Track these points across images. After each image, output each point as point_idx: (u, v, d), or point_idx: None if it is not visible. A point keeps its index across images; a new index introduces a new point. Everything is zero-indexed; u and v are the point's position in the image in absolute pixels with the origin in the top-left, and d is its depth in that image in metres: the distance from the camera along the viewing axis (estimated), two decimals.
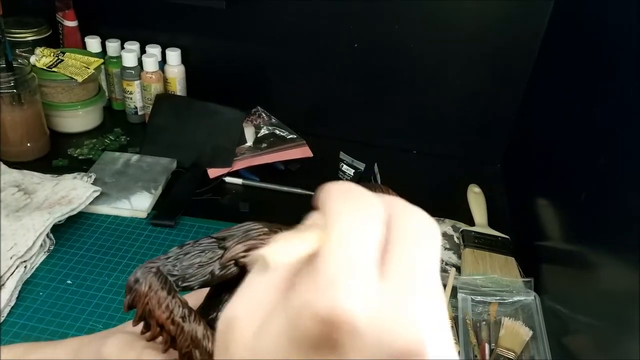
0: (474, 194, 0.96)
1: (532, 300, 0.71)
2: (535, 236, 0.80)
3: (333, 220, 0.21)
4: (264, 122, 1.08)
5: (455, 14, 0.96)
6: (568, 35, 0.84)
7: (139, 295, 0.32)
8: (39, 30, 1.05)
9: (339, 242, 0.20)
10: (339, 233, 0.20)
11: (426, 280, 0.21)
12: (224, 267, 0.34)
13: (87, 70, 1.01)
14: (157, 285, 0.33)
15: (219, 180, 0.95)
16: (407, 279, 0.20)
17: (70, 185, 0.85)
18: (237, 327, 0.21)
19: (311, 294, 0.19)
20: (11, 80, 0.89)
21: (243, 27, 1.05)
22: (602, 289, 0.57)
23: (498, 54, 0.98)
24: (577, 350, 0.60)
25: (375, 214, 0.21)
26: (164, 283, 0.33)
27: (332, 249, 0.20)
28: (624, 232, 0.54)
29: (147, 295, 0.32)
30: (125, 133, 1.06)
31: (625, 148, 0.57)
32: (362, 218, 0.21)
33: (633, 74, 0.57)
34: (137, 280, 0.33)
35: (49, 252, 0.77)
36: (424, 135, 1.09)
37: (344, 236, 0.20)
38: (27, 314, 0.68)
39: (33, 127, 0.95)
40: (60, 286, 0.72)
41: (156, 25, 1.09)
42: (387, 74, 1.04)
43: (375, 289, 0.20)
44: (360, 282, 0.19)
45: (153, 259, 0.35)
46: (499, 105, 1.03)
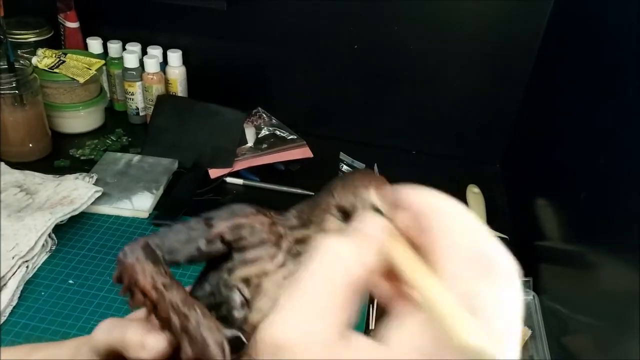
0: (473, 194, 0.96)
1: (531, 299, 0.71)
2: (534, 236, 0.80)
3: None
4: (264, 123, 1.08)
5: (455, 14, 0.96)
6: (568, 35, 0.84)
7: (126, 266, 0.34)
8: (40, 31, 1.05)
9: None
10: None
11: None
12: (209, 242, 0.36)
13: (89, 72, 1.01)
14: (142, 257, 0.34)
15: (220, 181, 0.96)
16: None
17: (72, 186, 0.85)
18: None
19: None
20: (13, 81, 0.89)
21: (244, 28, 1.05)
22: (601, 288, 0.58)
23: (498, 54, 0.98)
24: (576, 350, 0.60)
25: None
26: (150, 254, 0.35)
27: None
28: (624, 232, 0.54)
29: (133, 265, 0.34)
30: (126, 134, 1.06)
31: (625, 148, 0.57)
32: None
33: (633, 73, 0.57)
34: (126, 254, 0.35)
35: (50, 252, 0.78)
36: (424, 135, 1.09)
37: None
38: (29, 314, 0.68)
39: (35, 127, 0.95)
40: (62, 286, 0.73)
41: (157, 27, 1.09)
42: (387, 74, 1.04)
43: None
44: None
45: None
46: (498, 105, 1.03)
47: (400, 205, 0.23)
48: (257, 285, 0.35)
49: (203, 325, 0.32)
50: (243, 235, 0.36)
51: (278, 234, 0.36)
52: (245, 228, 0.36)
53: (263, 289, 0.34)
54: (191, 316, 0.33)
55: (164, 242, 0.36)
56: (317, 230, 0.35)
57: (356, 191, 0.34)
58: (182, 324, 0.33)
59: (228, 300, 0.34)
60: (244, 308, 0.34)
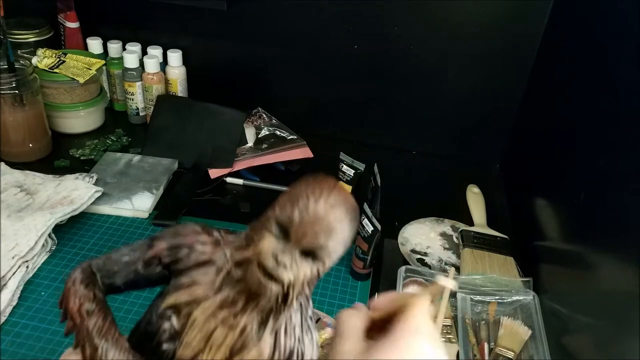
0: (473, 194, 0.96)
1: (531, 299, 0.71)
2: (534, 236, 0.80)
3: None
4: (264, 123, 1.08)
5: (455, 14, 0.96)
6: (568, 35, 0.84)
7: (65, 288, 0.34)
8: (40, 31, 1.05)
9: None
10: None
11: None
12: (147, 264, 0.35)
13: (89, 72, 1.01)
14: (79, 279, 0.34)
15: (220, 181, 0.96)
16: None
17: (72, 186, 0.85)
18: None
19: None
20: (13, 81, 0.89)
21: (244, 28, 1.05)
22: (601, 288, 0.58)
23: (498, 53, 0.98)
24: (576, 350, 0.60)
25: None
26: (87, 277, 0.34)
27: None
28: (624, 232, 0.54)
29: (69, 288, 0.34)
30: (126, 134, 1.06)
31: (625, 148, 0.57)
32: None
33: (633, 73, 0.57)
34: (69, 276, 0.35)
35: (50, 252, 0.78)
36: (424, 135, 1.09)
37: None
38: (28, 314, 0.68)
39: (35, 127, 0.95)
40: (62, 286, 0.72)
41: (157, 27, 1.09)
42: (387, 74, 1.04)
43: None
44: None
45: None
46: (498, 105, 1.03)
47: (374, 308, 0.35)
48: (187, 315, 0.32)
49: (110, 357, 0.31)
50: (180, 257, 0.34)
51: (220, 256, 0.33)
52: (183, 249, 0.34)
53: (192, 319, 0.32)
54: (100, 347, 0.32)
55: (105, 265, 0.35)
56: (254, 250, 0.32)
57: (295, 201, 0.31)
58: (91, 354, 0.32)
59: (158, 330, 0.32)
60: (173, 340, 0.32)
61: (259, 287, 0.31)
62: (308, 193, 0.31)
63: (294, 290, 0.31)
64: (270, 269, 0.31)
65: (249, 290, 0.32)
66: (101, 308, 0.34)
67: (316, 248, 0.31)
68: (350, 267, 0.79)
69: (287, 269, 0.31)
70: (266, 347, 0.31)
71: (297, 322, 0.33)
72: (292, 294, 0.31)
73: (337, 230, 0.31)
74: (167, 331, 0.32)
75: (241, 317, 0.31)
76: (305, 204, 0.31)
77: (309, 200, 0.31)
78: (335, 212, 0.31)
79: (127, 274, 0.35)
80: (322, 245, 0.30)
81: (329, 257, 0.31)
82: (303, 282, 0.31)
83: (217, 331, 0.31)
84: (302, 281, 0.31)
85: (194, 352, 0.31)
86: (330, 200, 0.31)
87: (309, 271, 0.31)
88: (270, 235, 0.32)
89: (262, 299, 0.31)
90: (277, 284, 0.31)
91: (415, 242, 0.86)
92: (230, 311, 0.32)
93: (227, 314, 0.32)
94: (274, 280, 0.31)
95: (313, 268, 0.31)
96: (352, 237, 0.33)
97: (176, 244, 0.35)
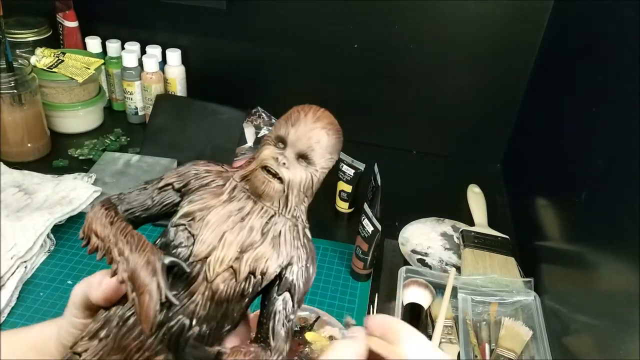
0: (473, 194, 0.96)
1: (532, 300, 0.71)
2: (535, 236, 0.80)
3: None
4: (264, 123, 1.08)
5: (455, 14, 0.96)
6: (568, 35, 0.84)
7: (87, 217, 0.37)
8: (39, 30, 1.05)
9: None
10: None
11: None
12: (160, 190, 0.39)
13: (88, 71, 1.01)
14: (98, 207, 0.37)
15: None
16: None
17: (71, 186, 0.85)
18: None
19: None
20: (12, 80, 0.89)
21: (243, 28, 1.05)
22: (602, 289, 0.57)
23: (498, 54, 0.98)
24: (577, 350, 0.60)
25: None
26: (107, 204, 0.38)
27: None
28: (624, 232, 0.54)
29: (91, 216, 0.37)
30: (125, 133, 1.06)
31: (626, 148, 0.57)
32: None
33: (633, 73, 0.57)
34: (89, 209, 0.38)
35: (49, 252, 0.77)
36: (424, 135, 1.09)
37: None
38: (27, 314, 0.68)
39: (33, 127, 0.95)
40: (60, 286, 0.72)
41: (156, 26, 1.09)
42: (387, 74, 1.04)
43: None
44: None
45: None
46: (499, 106, 1.03)
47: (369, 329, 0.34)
48: (201, 219, 0.37)
49: (132, 248, 0.34)
50: (189, 180, 0.39)
51: (226, 178, 0.39)
52: (192, 173, 0.39)
53: (206, 221, 0.36)
54: (120, 243, 0.35)
55: (121, 197, 0.39)
56: (256, 162, 0.38)
57: (289, 117, 0.39)
58: (119, 249, 0.35)
59: (174, 238, 0.36)
60: (189, 242, 0.36)
61: (263, 185, 0.37)
62: (299, 110, 0.40)
63: (292, 191, 0.37)
64: (272, 167, 0.37)
65: (255, 191, 0.37)
66: (122, 219, 0.37)
67: (308, 150, 0.38)
68: (350, 268, 0.79)
69: (286, 167, 0.37)
70: (268, 248, 0.35)
71: (295, 236, 0.37)
72: (292, 196, 0.37)
73: (323, 136, 0.38)
74: (182, 235, 0.36)
75: (249, 219, 0.37)
76: (297, 117, 0.39)
77: (299, 114, 0.39)
78: (322, 122, 0.39)
79: (143, 200, 0.39)
80: (312, 147, 0.38)
81: (319, 161, 0.38)
82: (300, 185, 0.37)
83: (228, 231, 0.36)
84: (299, 183, 0.37)
85: (208, 248, 0.35)
86: (317, 114, 0.39)
87: (304, 174, 0.38)
88: (270, 145, 0.38)
89: (266, 199, 0.37)
90: (278, 181, 0.37)
91: (416, 242, 0.86)
92: (240, 215, 0.37)
93: (237, 217, 0.37)
94: (276, 178, 0.37)
95: (307, 172, 0.38)
96: (338, 150, 0.40)
97: (185, 171, 0.39)
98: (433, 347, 0.33)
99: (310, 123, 0.38)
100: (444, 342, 0.67)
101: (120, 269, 0.34)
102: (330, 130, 0.39)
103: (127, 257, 0.34)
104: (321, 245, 0.83)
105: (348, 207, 0.89)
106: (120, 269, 0.34)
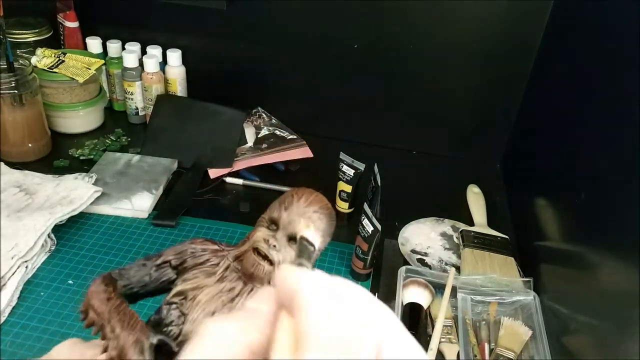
0: (473, 194, 0.96)
1: (531, 300, 0.71)
2: (534, 236, 0.80)
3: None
4: (264, 123, 1.08)
5: (455, 14, 0.96)
6: (568, 35, 0.84)
7: (87, 292, 0.39)
8: (40, 31, 1.05)
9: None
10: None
11: None
12: (158, 267, 0.41)
13: (88, 71, 1.01)
14: (99, 282, 0.39)
15: (219, 181, 0.96)
16: None
17: (72, 186, 0.85)
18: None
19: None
20: (12, 81, 0.89)
21: (243, 28, 1.05)
22: (602, 289, 0.58)
23: (498, 54, 0.98)
24: (576, 350, 0.60)
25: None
26: (107, 279, 0.40)
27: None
28: (624, 232, 0.54)
29: (91, 291, 0.39)
30: (126, 133, 1.06)
31: (626, 148, 0.57)
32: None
33: (633, 73, 0.57)
34: (90, 285, 0.40)
35: (50, 252, 0.77)
36: (424, 135, 1.09)
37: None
38: (28, 314, 0.68)
39: (34, 127, 0.95)
40: (61, 286, 0.73)
41: (157, 26, 1.09)
42: (387, 74, 1.04)
43: None
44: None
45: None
46: (499, 105, 1.03)
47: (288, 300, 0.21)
48: (192, 298, 0.38)
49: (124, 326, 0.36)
50: (186, 259, 0.41)
51: (220, 257, 0.41)
52: (188, 252, 0.41)
53: (197, 301, 0.38)
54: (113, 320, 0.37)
55: (121, 272, 0.41)
56: (249, 244, 0.40)
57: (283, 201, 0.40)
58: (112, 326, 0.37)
59: (167, 316, 0.38)
60: (180, 321, 0.37)
61: (254, 267, 0.38)
62: (292, 194, 0.41)
63: None
64: (263, 250, 0.39)
65: (246, 273, 0.39)
66: (119, 296, 0.39)
67: (299, 233, 0.39)
68: (350, 267, 0.79)
69: (277, 250, 0.39)
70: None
71: None
72: None
73: (315, 220, 0.40)
74: (174, 314, 0.38)
75: (238, 300, 0.38)
76: (290, 201, 0.40)
77: (293, 199, 0.40)
78: (314, 206, 0.40)
79: (142, 277, 0.41)
80: (303, 231, 0.39)
81: (311, 241, 0.39)
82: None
83: (218, 311, 0.37)
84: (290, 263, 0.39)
85: (198, 324, 0.37)
86: (310, 198, 0.40)
87: (295, 255, 0.39)
88: (262, 228, 0.40)
89: (256, 280, 0.38)
90: (268, 263, 0.38)
91: (416, 242, 0.86)
92: (230, 295, 0.38)
93: (227, 297, 0.38)
94: (266, 260, 0.39)
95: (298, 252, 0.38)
96: (330, 233, 0.41)
97: (183, 249, 0.41)
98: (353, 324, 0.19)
99: (302, 207, 0.40)
100: (443, 342, 0.67)
101: (111, 347, 0.35)
102: (322, 214, 0.40)
103: (117, 335, 0.36)
104: None
105: (348, 207, 0.89)
106: (110, 346, 0.36)
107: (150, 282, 0.41)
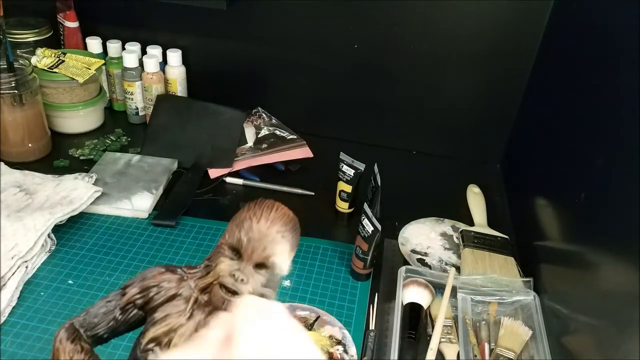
0: (473, 194, 0.96)
1: (531, 300, 0.71)
2: (534, 236, 0.80)
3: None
4: (264, 123, 1.08)
5: (455, 14, 0.96)
6: (568, 35, 0.84)
7: (53, 349, 0.38)
8: (40, 31, 1.05)
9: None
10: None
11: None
12: (124, 311, 0.39)
13: (88, 71, 1.01)
14: (64, 338, 0.38)
15: (219, 181, 0.96)
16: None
17: (72, 186, 0.85)
18: None
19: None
20: (12, 80, 0.89)
21: (243, 28, 1.05)
22: (602, 288, 0.58)
23: (498, 54, 0.98)
24: (576, 350, 0.60)
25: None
26: (72, 334, 0.38)
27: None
28: (624, 232, 0.54)
29: (57, 348, 0.38)
30: (126, 133, 1.06)
31: (625, 148, 0.57)
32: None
33: (633, 73, 0.57)
34: (55, 338, 0.39)
35: (50, 252, 0.77)
36: (424, 135, 1.09)
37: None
38: (28, 314, 0.68)
39: (34, 127, 0.95)
40: (61, 286, 0.73)
41: (157, 26, 1.09)
42: (387, 74, 1.04)
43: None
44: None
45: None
46: (498, 106, 1.03)
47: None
48: (168, 343, 0.37)
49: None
50: (151, 296, 0.39)
51: (186, 288, 0.39)
52: (152, 289, 0.39)
53: (172, 345, 0.37)
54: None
55: (85, 320, 0.40)
56: (214, 275, 0.38)
57: (241, 224, 0.37)
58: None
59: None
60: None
61: (224, 303, 0.37)
62: (250, 215, 0.38)
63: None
64: (231, 286, 0.37)
65: (216, 308, 0.37)
66: (90, 357, 0.38)
67: (265, 260, 0.37)
68: (350, 267, 0.79)
69: (245, 282, 0.37)
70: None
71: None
72: None
73: (279, 241, 0.37)
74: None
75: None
76: (249, 225, 0.37)
77: (252, 221, 0.37)
78: (276, 226, 0.37)
79: (108, 322, 0.39)
80: (269, 256, 0.37)
81: (279, 266, 0.37)
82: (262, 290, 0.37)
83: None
84: (261, 289, 0.37)
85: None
86: (270, 217, 0.37)
87: (265, 279, 0.37)
88: (225, 258, 0.38)
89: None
90: (239, 297, 0.37)
91: (416, 242, 0.86)
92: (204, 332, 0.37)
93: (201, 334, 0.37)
94: (235, 295, 0.37)
95: (267, 276, 0.37)
96: (297, 244, 0.39)
97: (146, 286, 0.39)
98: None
99: (264, 230, 0.37)
100: (443, 342, 0.67)
101: None
102: (285, 232, 0.37)
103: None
104: (321, 245, 0.84)
105: (348, 207, 0.89)
106: None
107: (119, 326, 0.40)
